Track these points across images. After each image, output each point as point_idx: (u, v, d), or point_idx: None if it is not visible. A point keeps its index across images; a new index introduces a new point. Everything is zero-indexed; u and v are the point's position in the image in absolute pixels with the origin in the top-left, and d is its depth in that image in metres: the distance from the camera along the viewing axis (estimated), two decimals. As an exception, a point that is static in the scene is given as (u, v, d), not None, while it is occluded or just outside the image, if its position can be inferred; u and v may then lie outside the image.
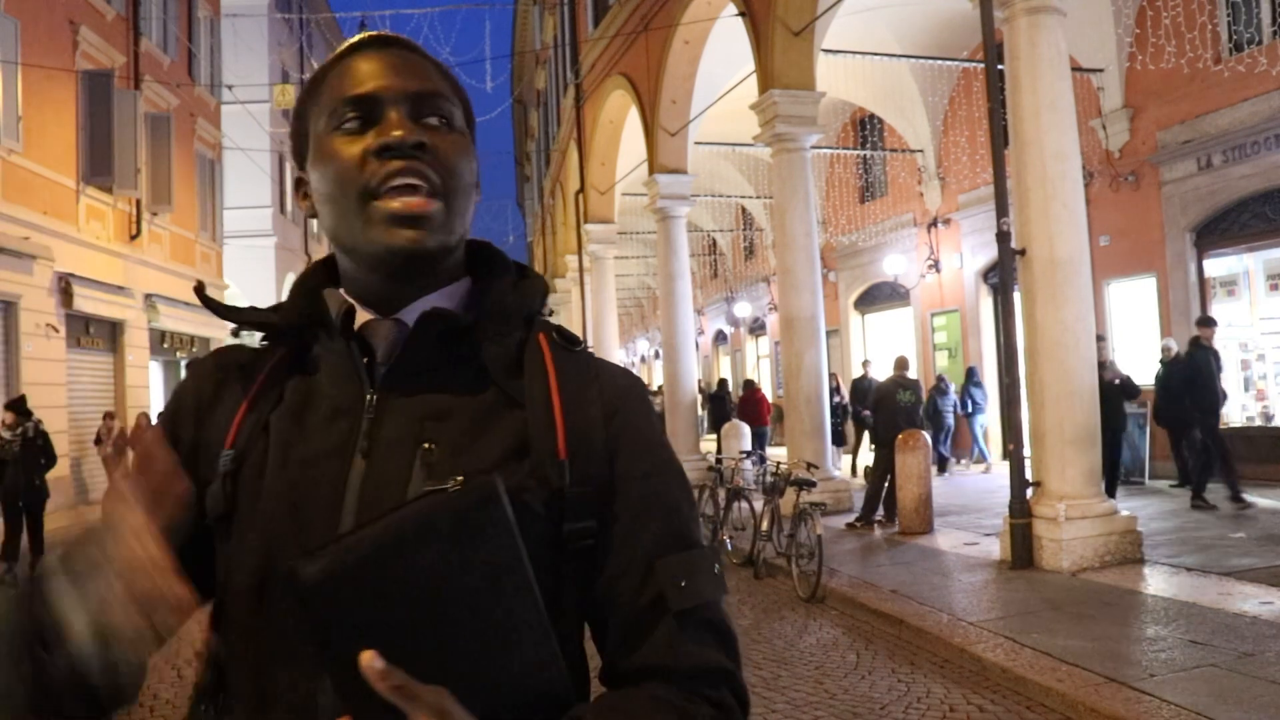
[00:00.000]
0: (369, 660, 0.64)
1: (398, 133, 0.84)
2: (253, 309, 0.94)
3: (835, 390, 16.50)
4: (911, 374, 10.29)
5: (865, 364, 15.25)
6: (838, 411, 13.95)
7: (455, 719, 0.66)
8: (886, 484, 9.45)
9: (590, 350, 0.94)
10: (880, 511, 9.54)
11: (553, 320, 0.96)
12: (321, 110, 0.89)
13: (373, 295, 0.90)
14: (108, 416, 13.56)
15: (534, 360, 0.89)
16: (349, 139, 0.86)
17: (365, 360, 0.88)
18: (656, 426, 0.94)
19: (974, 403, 14.13)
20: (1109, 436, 8.30)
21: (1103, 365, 8.43)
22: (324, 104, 0.89)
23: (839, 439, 14.05)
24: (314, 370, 0.91)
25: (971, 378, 14.29)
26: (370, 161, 0.84)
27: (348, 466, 0.84)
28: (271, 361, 0.92)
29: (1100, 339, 8.42)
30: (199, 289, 0.95)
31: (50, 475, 9.76)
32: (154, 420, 0.94)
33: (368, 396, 0.87)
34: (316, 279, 0.95)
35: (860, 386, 14.48)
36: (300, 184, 0.94)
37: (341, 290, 0.92)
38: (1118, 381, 9.44)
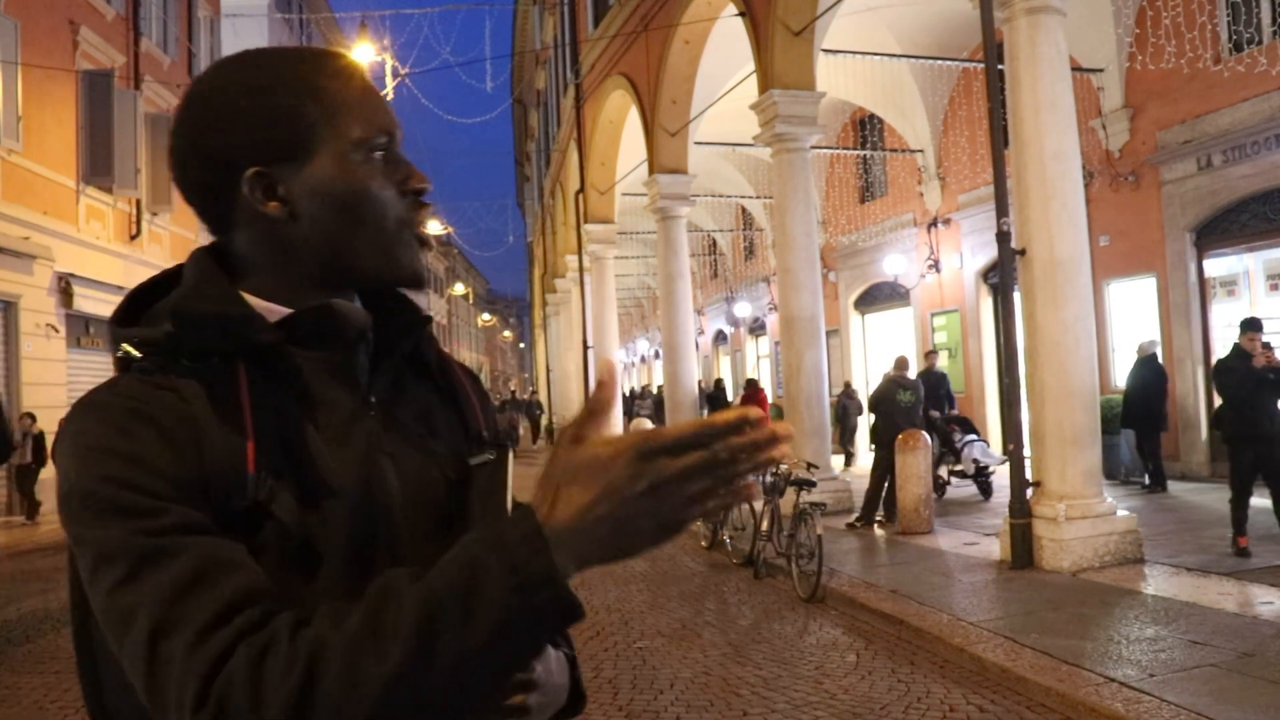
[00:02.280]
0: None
1: (427, 185, 0.94)
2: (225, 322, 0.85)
3: (846, 394, 16.52)
4: (911, 373, 10.29)
5: (930, 355, 12.79)
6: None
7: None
8: (886, 484, 9.47)
9: None
10: (880, 512, 9.55)
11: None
12: (343, 125, 0.89)
13: (308, 303, 0.90)
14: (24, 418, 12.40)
15: (443, 356, 1.03)
16: (378, 169, 0.91)
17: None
18: None
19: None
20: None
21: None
22: (349, 119, 0.89)
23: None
24: (295, 378, 0.86)
25: (846, 391, 14.48)
26: (407, 200, 0.93)
27: (381, 470, 0.88)
28: (241, 378, 0.84)
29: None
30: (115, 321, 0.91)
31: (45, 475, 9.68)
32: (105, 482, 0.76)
33: (371, 400, 0.92)
34: (223, 284, 0.89)
35: (928, 381, 11.94)
36: (266, 181, 0.87)
37: (254, 297, 0.89)
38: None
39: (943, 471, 11.38)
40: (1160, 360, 10.94)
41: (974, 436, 11.51)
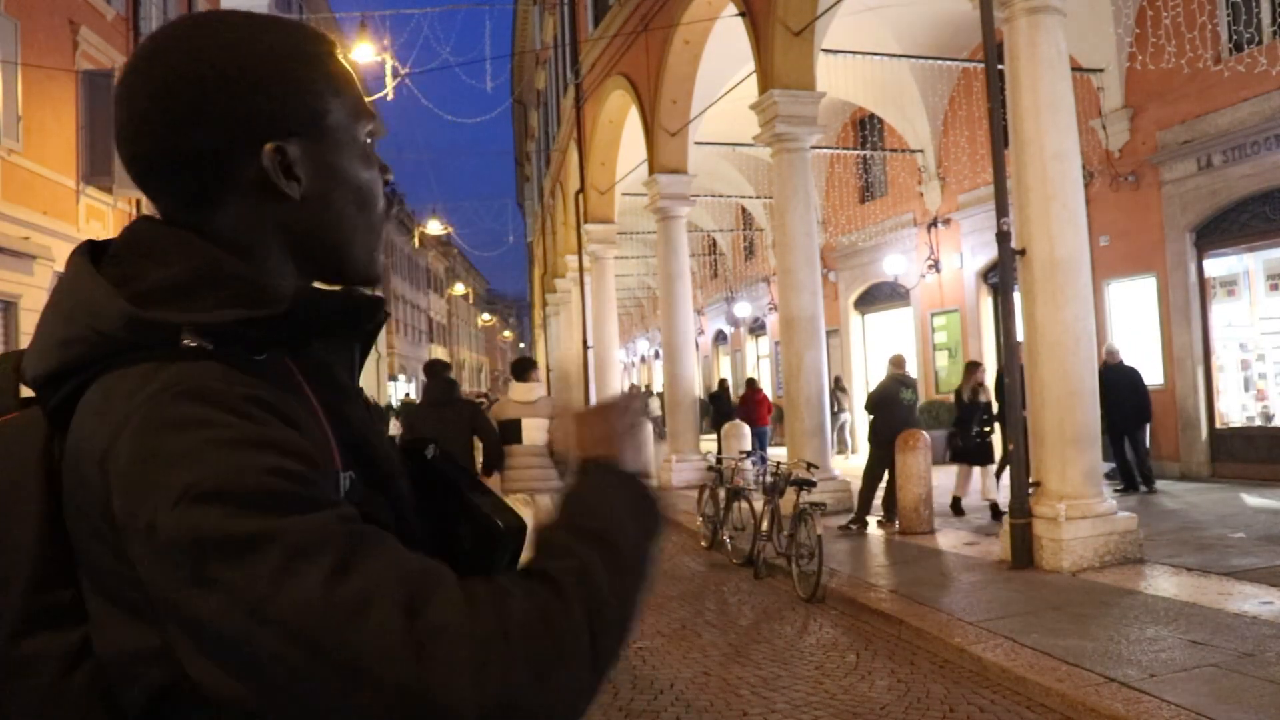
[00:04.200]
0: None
1: (392, 176, 0.94)
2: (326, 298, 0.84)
3: (839, 387, 16.45)
4: (912, 371, 10.25)
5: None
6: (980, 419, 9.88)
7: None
8: (884, 484, 9.42)
9: None
10: (879, 513, 9.51)
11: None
12: (349, 106, 0.86)
13: (282, 291, 0.90)
14: None
15: None
16: (372, 157, 0.89)
17: None
18: None
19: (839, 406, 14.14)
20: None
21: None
22: (352, 103, 0.86)
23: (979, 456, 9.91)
24: (327, 370, 0.84)
25: (838, 384, 14.40)
26: (385, 190, 0.92)
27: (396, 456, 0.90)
28: (295, 367, 0.80)
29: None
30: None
31: None
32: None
33: (360, 389, 0.91)
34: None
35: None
36: (283, 157, 0.81)
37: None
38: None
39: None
40: (1124, 363, 10.70)
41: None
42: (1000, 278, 7.63)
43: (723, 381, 18.86)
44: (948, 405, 15.91)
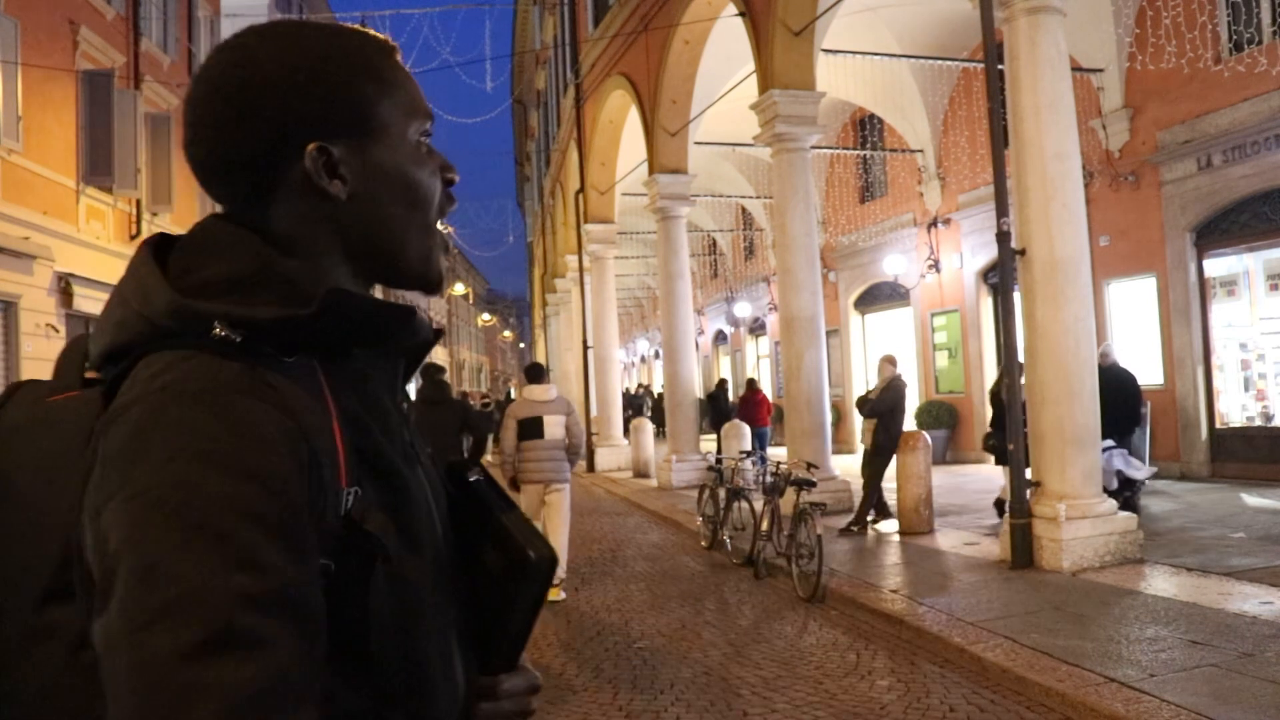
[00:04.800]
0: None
1: (458, 176, 0.91)
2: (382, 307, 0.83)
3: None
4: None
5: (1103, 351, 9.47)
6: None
7: None
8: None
9: None
10: (871, 513, 9.49)
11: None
12: (399, 107, 0.87)
13: None
14: None
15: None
16: (425, 155, 0.89)
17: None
18: None
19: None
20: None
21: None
22: (403, 103, 0.87)
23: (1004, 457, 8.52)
24: (361, 381, 0.83)
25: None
26: (443, 191, 0.91)
27: (427, 481, 0.88)
28: (324, 374, 0.80)
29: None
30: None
31: None
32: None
33: (405, 405, 0.91)
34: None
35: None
36: (327, 156, 0.83)
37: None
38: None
39: None
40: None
41: (1111, 442, 8.86)
42: (1000, 278, 7.63)
43: (721, 382, 18.80)
44: (948, 405, 15.94)
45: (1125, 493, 8.77)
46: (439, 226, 0.91)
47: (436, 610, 0.84)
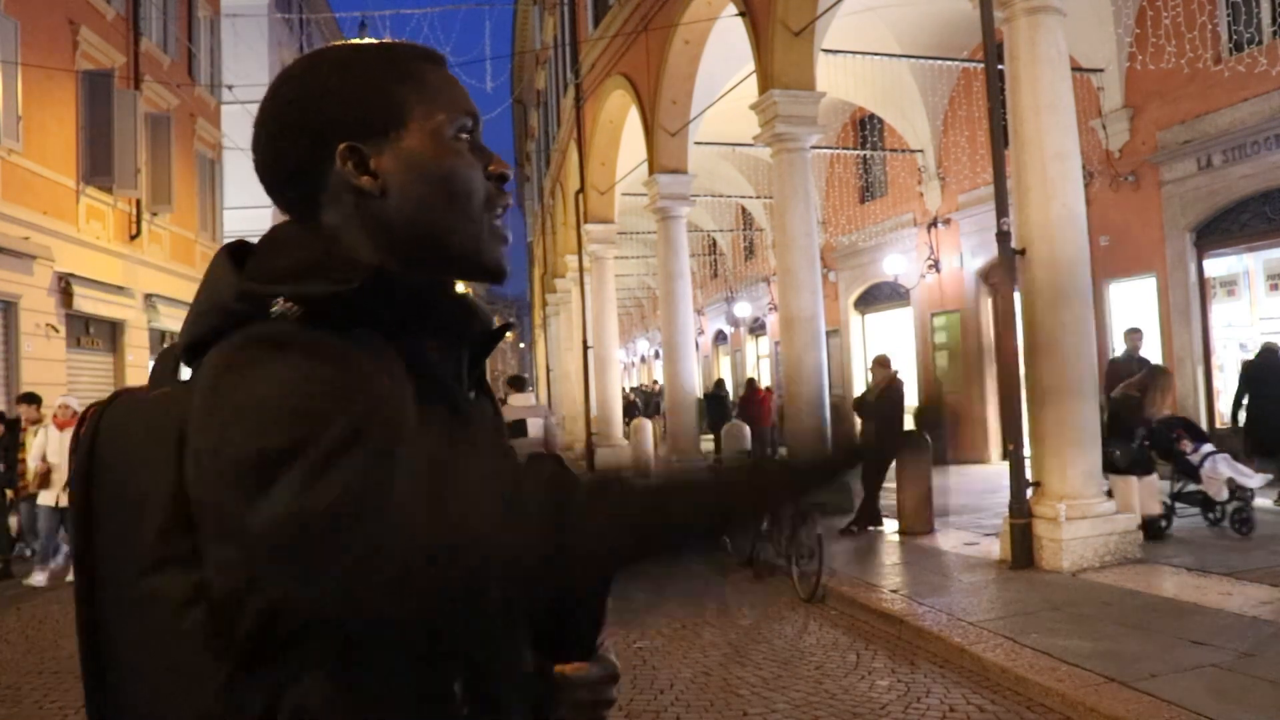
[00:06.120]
0: None
1: (509, 171, 0.96)
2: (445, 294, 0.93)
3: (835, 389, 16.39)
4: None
5: (1134, 335, 10.67)
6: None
7: None
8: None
9: None
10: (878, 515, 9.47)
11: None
12: (433, 105, 0.92)
13: None
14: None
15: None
16: (465, 149, 0.93)
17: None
18: None
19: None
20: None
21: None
22: (438, 101, 0.92)
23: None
24: (418, 359, 0.87)
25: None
26: (490, 184, 0.95)
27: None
28: (391, 350, 0.85)
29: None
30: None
31: None
32: None
33: (471, 395, 0.96)
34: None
35: (1119, 369, 9.96)
36: (358, 155, 0.89)
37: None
38: None
39: (1163, 495, 8.16)
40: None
41: (1211, 446, 8.14)
42: (1000, 278, 7.62)
43: (719, 382, 18.72)
44: (948, 405, 15.92)
45: (1235, 503, 7.85)
46: (496, 220, 0.95)
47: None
